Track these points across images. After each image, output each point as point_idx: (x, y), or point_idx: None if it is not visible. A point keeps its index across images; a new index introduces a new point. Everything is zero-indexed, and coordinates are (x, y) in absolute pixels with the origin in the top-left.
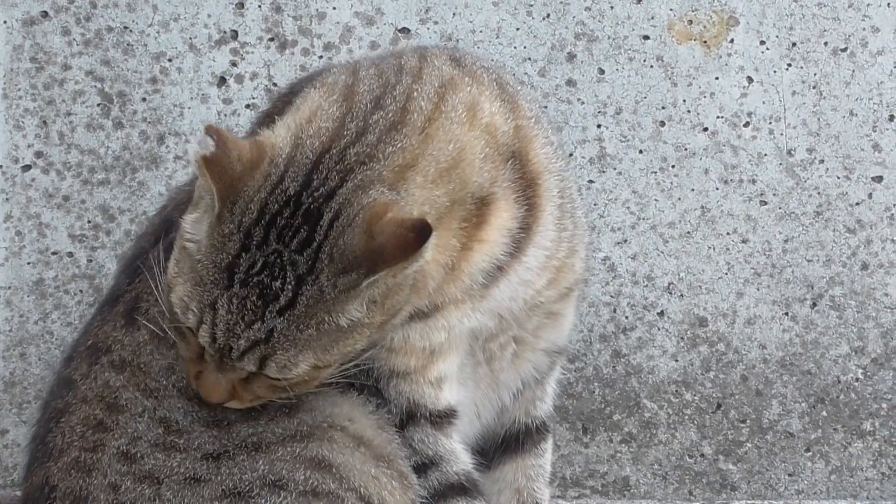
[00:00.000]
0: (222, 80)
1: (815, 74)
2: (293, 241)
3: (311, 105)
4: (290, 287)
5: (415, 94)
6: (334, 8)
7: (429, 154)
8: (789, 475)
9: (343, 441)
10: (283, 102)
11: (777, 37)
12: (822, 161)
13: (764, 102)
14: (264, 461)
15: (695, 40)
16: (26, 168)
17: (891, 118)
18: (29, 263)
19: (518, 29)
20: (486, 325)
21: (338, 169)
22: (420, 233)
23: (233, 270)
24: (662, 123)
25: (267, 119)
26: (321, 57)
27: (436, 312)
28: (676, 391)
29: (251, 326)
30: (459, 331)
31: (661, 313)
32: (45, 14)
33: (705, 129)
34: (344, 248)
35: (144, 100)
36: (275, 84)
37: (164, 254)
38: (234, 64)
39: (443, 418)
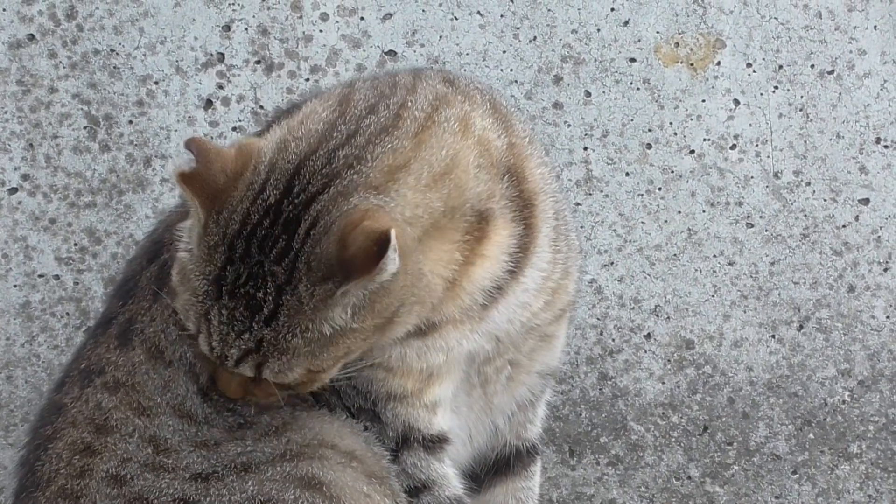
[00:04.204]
0: (209, 103)
1: (801, 97)
2: (272, 252)
3: (306, 110)
4: (271, 298)
5: (409, 104)
6: (321, 31)
7: (421, 157)
8: (776, 497)
9: (334, 458)
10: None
11: (764, 59)
12: (808, 183)
13: (750, 125)
14: (254, 482)
15: (681, 63)
16: (13, 191)
17: (877, 141)
18: (15, 286)
19: (504, 51)
20: (482, 348)
21: (323, 173)
22: (382, 245)
23: (220, 282)
24: (649, 146)
25: None
26: (308, 80)
27: (434, 332)
28: (663, 413)
29: (241, 336)
30: (458, 353)
31: (648, 336)
32: (31, 37)
33: (692, 152)
34: (320, 258)
35: (131, 122)
36: (261, 107)
37: (157, 276)
38: (220, 86)
39: (436, 443)
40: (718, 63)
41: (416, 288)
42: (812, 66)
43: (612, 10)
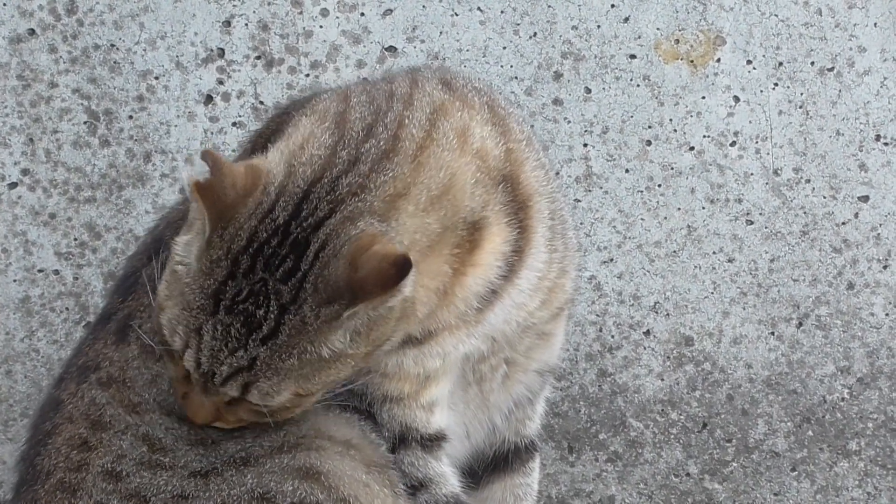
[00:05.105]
0: (209, 98)
1: (801, 94)
2: (279, 271)
3: (304, 132)
4: (272, 316)
5: (406, 121)
6: (321, 26)
7: (420, 182)
8: (775, 495)
9: (332, 448)
10: (275, 123)
11: (764, 56)
12: (808, 181)
13: (750, 122)
14: (253, 475)
15: (682, 60)
16: (12, 185)
17: (877, 138)
18: (15, 281)
19: (505, 48)
20: (478, 349)
21: (328, 199)
22: (400, 268)
23: (219, 297)
24: (649, 143)
25: (258, 139)
26: (308, 75)
27: (430, 339)
28: (662, 410)
29: (234, 354)
30: (454, 356)
31: (647, 332)
32: (31, 32)
33: (692, 149)
34: (328, 279)
35: (131, 117)
36: (261, 102)
37: (157, 271)
38: (220, 82)
39: (433, 441)
40: (718, 60)
41: (404, 309)
42: (812, 63)
43: (613, 6)
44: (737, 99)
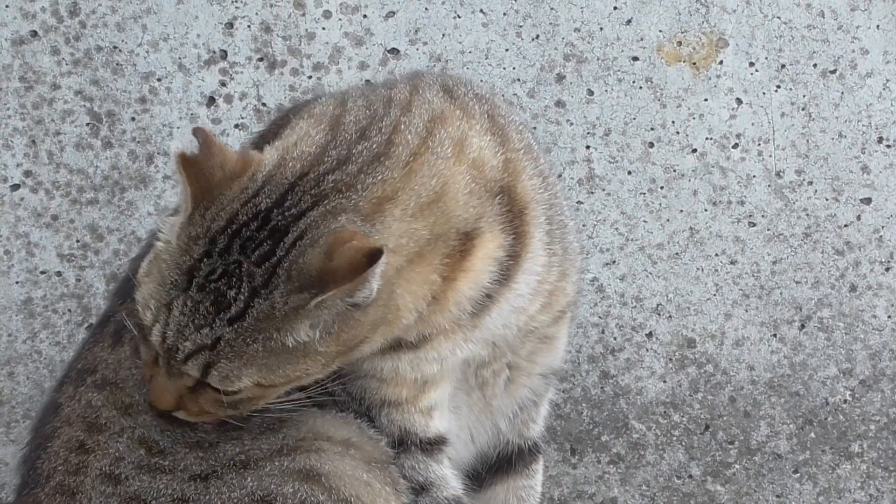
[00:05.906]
0: (211, 100)
1: (804, 96)
2: (254, 254)
3: (299, 132)
4: (242, 298)
5: (402, 126)
6: (324, 28)
7: (410, 188)
8: (777, 497)
9: (331, 448)
10: (277, 125)
11: (766, 58)
12: (810, 183)
13: (753, 124)
14: (253, 477)
15: (684, 62)
16: (15, 187)
17: (879, 140)
18: (17, 283)
19: (507, 50)
20: (478, 354)
21: (312, 193)
22: (372, 258)
23: (193, 274)
24: (651, 145)
25: (261, 140)
26: (310, 77)
27: (425, 344)
28: (665, 412)
29: (199, 331)
30: (452, 361)
31: (650, 334)
32: (34, 33)
33: (694, 151)
34: (301, 267)
35: (133, 119)
36: (264, 104)
37: None
38: (223, 84)
39: (433, 445)
40: (721, 62)
41: (384, 312)
42: (814, 65)
43: (615, 8)
44: (739, 101)
